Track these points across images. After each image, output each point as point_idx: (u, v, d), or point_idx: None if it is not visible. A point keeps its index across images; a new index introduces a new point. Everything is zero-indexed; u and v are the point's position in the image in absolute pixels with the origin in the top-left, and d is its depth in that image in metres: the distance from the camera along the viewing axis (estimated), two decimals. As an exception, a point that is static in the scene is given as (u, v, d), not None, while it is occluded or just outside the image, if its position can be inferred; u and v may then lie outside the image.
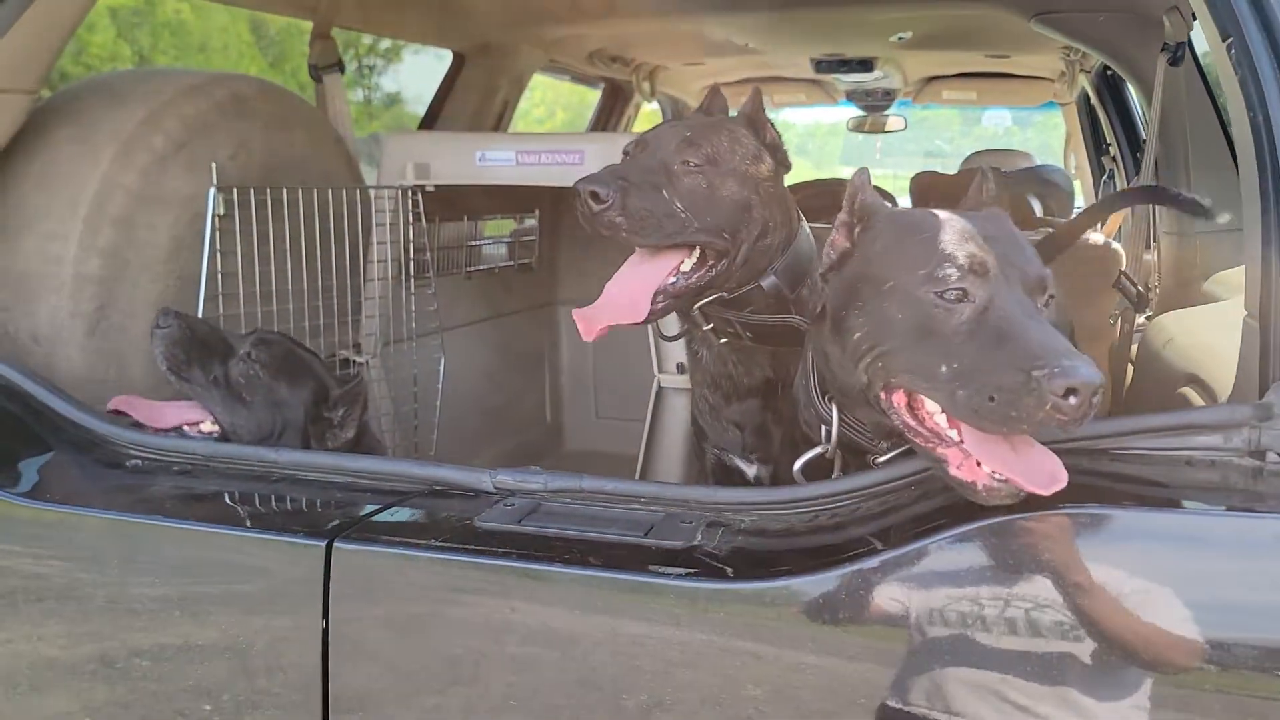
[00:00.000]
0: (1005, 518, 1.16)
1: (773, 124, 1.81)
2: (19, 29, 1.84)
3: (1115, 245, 3.37)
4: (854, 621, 1.16)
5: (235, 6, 2.67)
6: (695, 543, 1.28)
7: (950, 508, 1.22)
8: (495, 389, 3.22)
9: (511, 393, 3.32)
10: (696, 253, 1.69)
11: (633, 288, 1.69)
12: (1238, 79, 1.36)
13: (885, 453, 1.44)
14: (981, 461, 1.20)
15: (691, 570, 1.22)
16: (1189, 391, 1.77)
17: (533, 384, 3.45)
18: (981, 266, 1.25)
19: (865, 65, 4.12)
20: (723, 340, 1.83)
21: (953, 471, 1.22)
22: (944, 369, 1.22)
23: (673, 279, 1.69)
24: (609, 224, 1.61)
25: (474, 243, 3.07)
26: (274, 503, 1.47)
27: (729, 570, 1.22)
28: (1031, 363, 1.13)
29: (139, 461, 1.59)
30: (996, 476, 1.18)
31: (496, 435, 3.26)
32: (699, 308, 1.77)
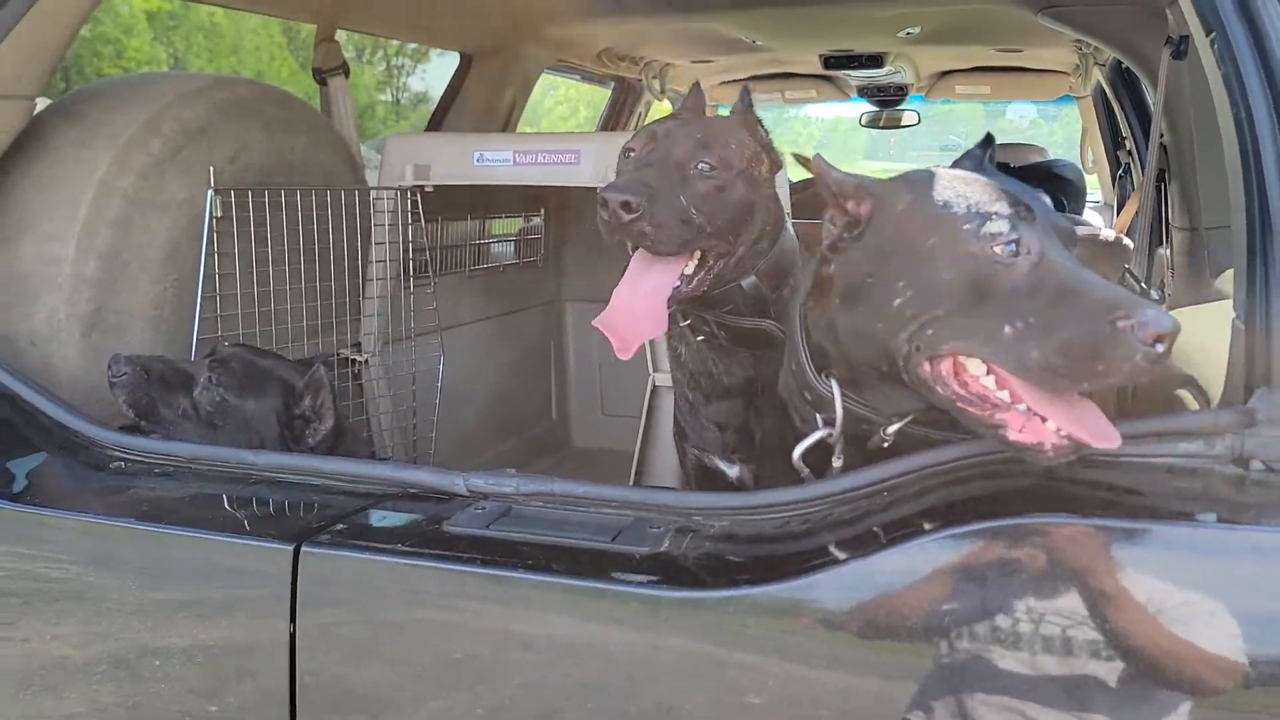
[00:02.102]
0: (972, 526, 1.14)
1: (761, 123, 1.79)
2: (16, 35, 1.86)
3: (1126, 240, 3.31)
4: (814, 631, 1.15)
5: (236, 10, 2.68)
6: (661, 549, 1.26)
7: (919, 515, 1.21)
8: (500, 386, 3.23)
9: (517, 390, 3.32)
10: (697, 256, 1.66)
11: (647, 296, 1.63)
12: (1221, 74, 1.33)
13: (887, 438, 1.40)
14: (1053, 419, 1.16)
15: (653, 577, 1.21)
16: (1184, 394, 1.73)
17: (538, 381, 3.45)
18: (1029, 214, 1.21)
19: (875, 61, 4.08)
20: (699, 338, 1.80)
21: (1014, 436, 1.18)
22: (1008, 329, 1.17)
23: (678, 283, 1.65)
24: (637, 234, 1.55)
25: (478, 241, 3.07)
26: (248, 506, 1.47)
27: (691, 577, 1.21)
28: (1114, 312, 1.10)
29: (122, 464, 1.60)
30: (1063, 434, 1.16)
31: (502, 432, 3.27)
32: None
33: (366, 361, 2.58)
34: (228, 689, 1.34)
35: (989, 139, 1.48)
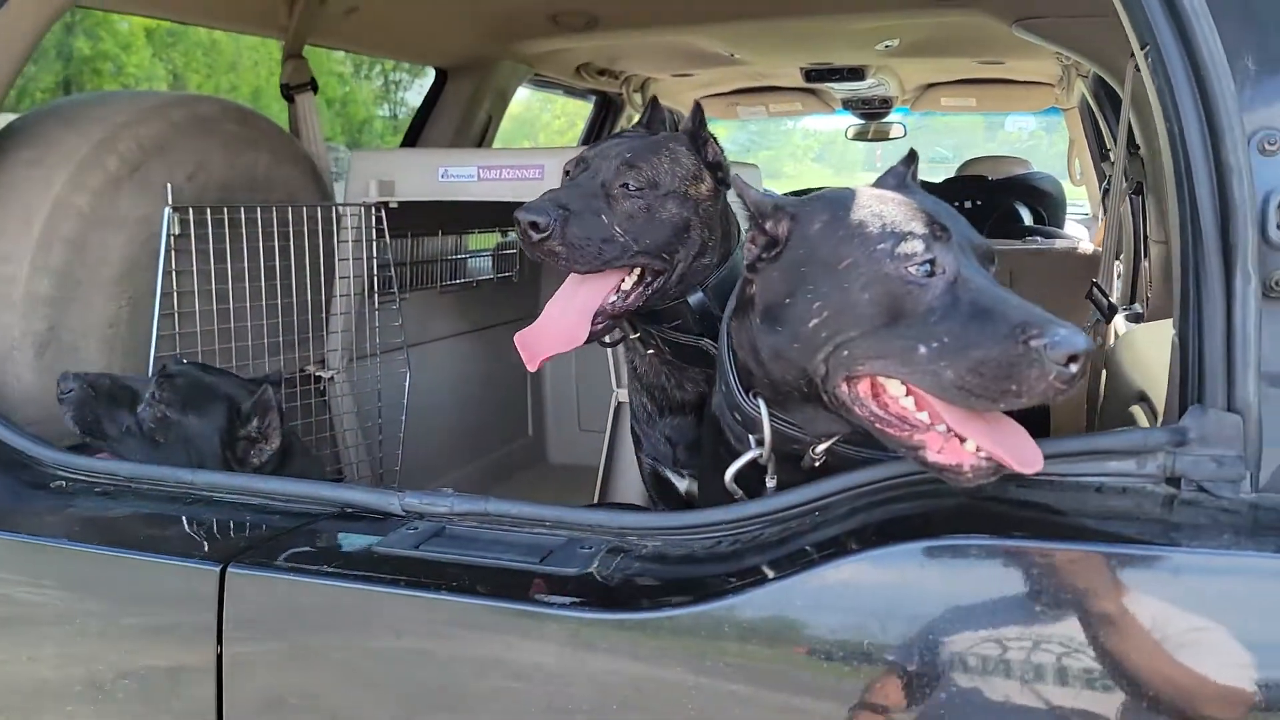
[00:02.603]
0: (894, 547, 1.13)
1: (715, 139, 1.78)
2: (-33, 54, 1.86)
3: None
4: (739, 651, 1.13)
5: (202, 26, 2.68)
6: (588, 570, 1.25)
7: (847, 535, 1.19)
8: (474, 402, 3.22)
9: (493, 406, 3.31)
10: (636, 272, 1.69)
11: (571, 312, 1.68)
12: (1154, 87, 1.32)
13: (819, 457, 1.38)
14: (973, 439, 1.15)
15: (576, 599, 1.20)
16: (1137, 411, 1.71)
17: (514, 397, 3.44)
18: (944, 233, 1.20)
19: (856, 73, 4.07)
20: (649, 351, 1.82)
21: (933, 457, 1.17)
22: (923, 349, 1.16)
23: (613, 298, 1.68)
24: (549, 252, 1.60)
25: (451, 257, 3.06)
26: (180, 525, 1.46)
27: (616, 599, 1.20)
28: (1026, 332, 1.09)
29: (63, 483, 1.59)
30: (982, 456, 1.14)
31: (478, 448, 3.26)
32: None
33: (331, 378, 2.57)
34: (155, 713, 1.33)
35: (912, 155, 1.47)
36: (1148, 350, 1.88)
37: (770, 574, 1.17)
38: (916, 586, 1.13)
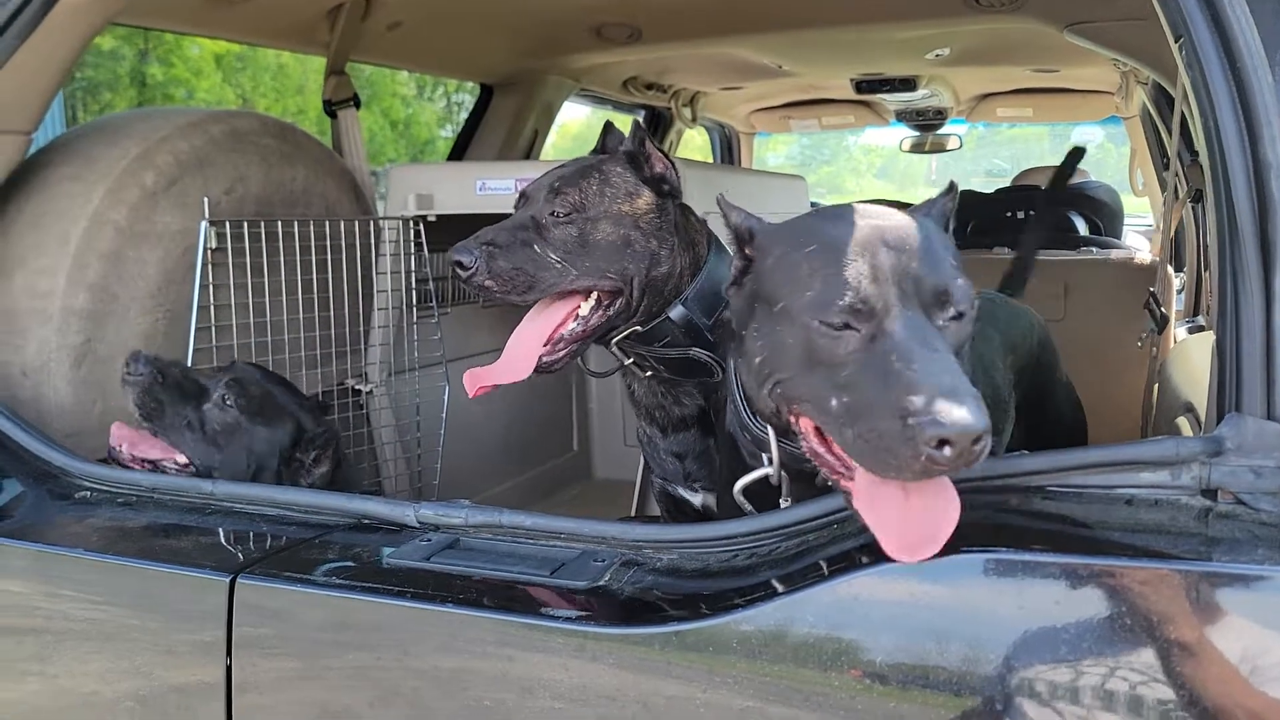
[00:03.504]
0: (913, 561, 1.08)
1: (665, 154, 1.80)
2: (10, 71, 1.89)
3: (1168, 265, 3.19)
4: (748, 666, 1.09)
5: (247, 44, 2.72)
6: (600, 583, 1.22)
7: (863, 549, 1.15)
8: (519, 417, 3.20)
9: (537, 420, 3.29)
10: (593, 296, 1.71)
11: (522, 343, 1.73)
12: (1189, 81, 1.26)
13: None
14: (859, 507, 1.12)
15: (584, 612, 1.17)
16: (1182, 422, 1.64)
17: (560, 412, 3.42)
18: (871, 286, 1.14)
19: (908, 84, 4.01)
20: (648, 374, 1.82)
21: (856, 505, 1.14)
22: (834, 402, 1.13)
23: (573, 324, 1.72)
24: (479, 287, 1.66)
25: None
26: (196, 536, 1.45)
27: (625, 613, 1.17)
28: (906, 407, 1.03)
29: (87, 494, 1.60)
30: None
31: (522, 463, 3.24)
32: (616, 344, 1.78)
33: (370, 392, 2.58)
34: (167, 722, 1.32)
35: (951, 188, 1.40)
36: (1196, 360, 1.81)
37: (783, 588, 1.13)
38: (933, 601, 1.08)
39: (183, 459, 1.90)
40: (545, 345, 1.71)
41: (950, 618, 1.05)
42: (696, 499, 1.87)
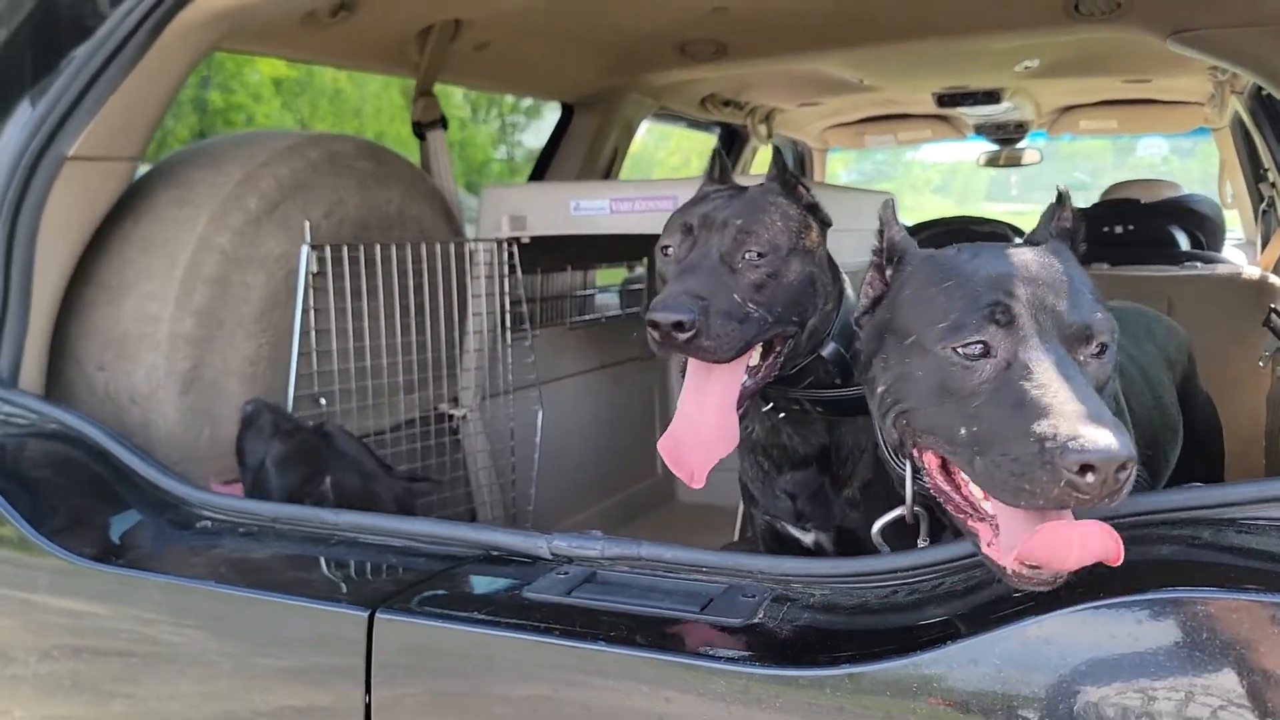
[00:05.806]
0: (1097, 603, 1.01)
1: (802, 181, 1.65)
2: (118, 99, 1.89)
3: (1274, 279, 3.08)
4: (925, 714, 1.03)
5: (339, 69, 2.71)
6: (755, 620, 1.17)
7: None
8: (603, 441, 3.16)
9: (620, 444, 3.25)
10: (760, 345, 1.54)
11: (710, 409, 1.51)
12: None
13: None
14: (1001, 535, 1.08)
15: (746, 652, 1.11)
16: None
17: (643, 435, 3.37)
18: (1007, 316, 1.12)
19: (991, 97, 3.92)
20: (781, 415, 1.66)
21: (983, 549, 1.10)
22: (963, 431, 1.10)
23: (745, 380, 1.53)
24: (695, 350, 1.44)
25: (580, 293, 3.03)
26: (326, 568, 1.42)
27: (788, 653, 1.11)
28: (1045, 432, 0.99)
29: (208, 524, 1.57)
30: (1027, 564, 1.03)
31: (605, 488, 3.20)
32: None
33: (464, 416, 2.54)
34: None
35: (1061, 198, 1.34)
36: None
37: (963, 628, 1.06)
38: (1127, 642, 1.00)
39: None
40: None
41: (1157, 664, 0.98)
42: (808, 538, 1.73)
